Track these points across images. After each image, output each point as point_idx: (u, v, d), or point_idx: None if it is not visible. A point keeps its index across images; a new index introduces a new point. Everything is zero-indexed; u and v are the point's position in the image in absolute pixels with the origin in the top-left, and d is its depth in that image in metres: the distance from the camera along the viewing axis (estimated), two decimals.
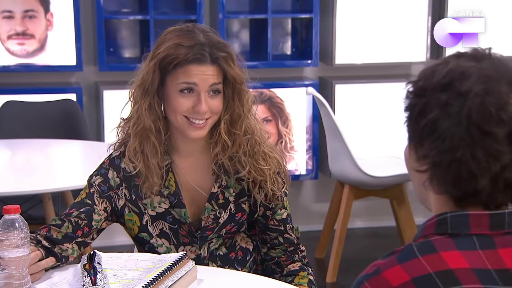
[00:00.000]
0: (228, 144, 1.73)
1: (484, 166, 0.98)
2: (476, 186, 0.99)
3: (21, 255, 1.42)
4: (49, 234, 1.67)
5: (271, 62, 3.85)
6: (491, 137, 0.97)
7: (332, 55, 3.93)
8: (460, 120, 0.98)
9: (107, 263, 1.61)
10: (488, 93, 0.98)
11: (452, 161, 0.99)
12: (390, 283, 0.95)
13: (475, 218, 0.99)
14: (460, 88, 0.99)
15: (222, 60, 1.69)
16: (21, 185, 2.62)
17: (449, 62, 1.03)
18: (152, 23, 3.67)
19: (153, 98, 1.72)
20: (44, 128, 3.43)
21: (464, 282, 0.95)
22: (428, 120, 1.01)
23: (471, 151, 0.98)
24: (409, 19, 3.99)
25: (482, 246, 0.98)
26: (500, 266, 0.97)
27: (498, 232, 0.99)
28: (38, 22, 3.62)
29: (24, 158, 3.12)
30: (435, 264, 0.95)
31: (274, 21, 3.91)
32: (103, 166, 1.79)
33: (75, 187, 2.67)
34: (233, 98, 1.72)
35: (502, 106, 0.97)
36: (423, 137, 1.02)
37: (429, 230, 1.01)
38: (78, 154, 3.25)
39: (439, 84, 1.01)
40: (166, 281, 1.53)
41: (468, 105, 0.98)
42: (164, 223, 1.78)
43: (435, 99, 1.00)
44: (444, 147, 0.99)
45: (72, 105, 3.51)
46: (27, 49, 3.64)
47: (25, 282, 1.43)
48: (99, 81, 3.81)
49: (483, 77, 0.99)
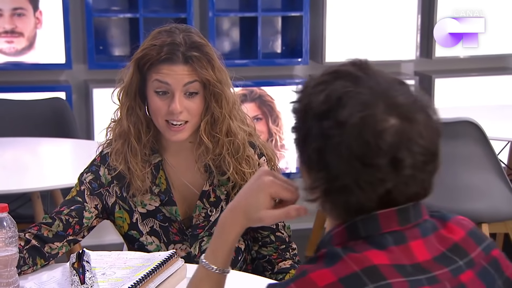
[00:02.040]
0: (209, 146, 1.71)
1: (370, 193, 0.99)
2: (365, 210, 1.01)
3: (9, 253, 1.41)
4: (39, 233, 1.66)
5: (261, 61, 3.85)
6: (373, 168, 0.98)
7: (322, 53, 3.94)
8: (341, 152, 0.99)
9: (96, 262, 1.61)
10: (364, 122, 0.98)
11: (339, 189, 1.00)
12: (316, 284, 0.96)
13: (384, 217, 1.01)
14: (338, 118, 0.99)
15: (195, 60, 1.66)
16: (9, 183, 2.61)
17: (327, 83, 1.02)
18: (141, 21, 3.66)
19: (134, 100, 1.71)
20: (33, 127, 3.41)
21: (389, 277, 0.96)
22: (313, 149, 1.02)
23: (355, 181, 0.99)
24: (399, 17, 4.00)
25: (396, 242, 1.00)
26: (412, 261, 0.99)
27: (407, 226, 1.02)
28: (27, 20, 3.60)
29: (12, 157, 3.11)
30: (360, 262, 0.97)
31: (264, 19, 3.90)
32: (94, 163, 1.79)
33: (64, 185, 2.66)
34: (211, 100, 1.69)
35: (380, 135, 0.97)
36: (311, 165, 1.03)
37: (340, 239, 1.03)
38: (67, 153, 3.24)
39: (318, 112, 1.01)
40: (155, 280, 1.52)
41: (346, 137, 0.98)
42: (155, 221, 1.77)
43: (316, 128, 1.01)
44: (330, 176, 1.00)
45: (61, 104, 3.49)
46: (16, 47, 3.62)
47: (13, 281, 1.43)
48: (88, 79, 3.80)
49: (359, 104, 0.99)
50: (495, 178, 2.86)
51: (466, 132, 2.83)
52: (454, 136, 2.87)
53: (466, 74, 4.21)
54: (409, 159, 0.99)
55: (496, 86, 4.20)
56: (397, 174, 0.99)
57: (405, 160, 0.98)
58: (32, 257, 1.63)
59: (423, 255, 1.01)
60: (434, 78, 4.10)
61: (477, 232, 1.08)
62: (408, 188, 1.01)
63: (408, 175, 0.99)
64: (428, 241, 1.03)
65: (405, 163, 0.98)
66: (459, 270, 1.02)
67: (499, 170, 2.86)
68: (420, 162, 1.00)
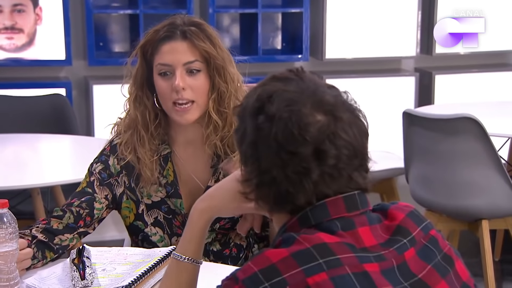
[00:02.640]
0: (219, 123, 1.73)
1: (297, 184, 1.06)
2: (295, 202, 1.08)
3: (10, 249, 1.41)
4: (48, 226, 1.67)
5: (261, 57, 3.85)
6: (297, 157, 1.05)
7: (322, 50, 3.93)
8: (269, 143, 1.07)
9: (96, 258, 1.61)
10: (290, 116, 1.06)
11: (269, 181, 1.08)
12: (270, 259, 1.02)
13: (331, 204, 1.08)
14: (268, 112, 1.08)
15: (193, 35, 1.69)
16: (9, 180, 2.61)
17: (263, 85, 1.12)
18: (142, 18, 3.66)
19: (141, 90, 1.73)
20: (33, 123, 3.41)
21: (338, 253, 1.02)
22: (247, 144, 1.10)
23: (283, 171, 1.06)
24: (399, 14, 3.99)
25: (345, 228, 1.06)
26: (360, 245, 1.05)
27: (355, 213, 1.09)
28: (27, 16, 3.60)
29: (13, 153, 3.11)
30: (311, 240, 1.03)
31: (264, 15, 3.90)
32: (104, 152, 1.79)
33: (64, 182, 2.66)
34: (214, 76, 1.72)
35: (305, 127, 1.05)
36: (246, 159, 1.11)
37: (293, 229, 1.09)
38: (67, 149, 3.24)
39: (253, 108, 1.10)
40: (155, 276, 1.53)
41: (275, 129, 1.06)
42: (159, 212, 1.78)
43: (251, 123, 1.10)
44: (261, 169, 1.08)
45: (61, 100, 3.49)
46: (16, 44, 3.62)
47: (14, 276, 1.43)
48: (88, 76, 3.79)
49: (287, 100, 1.08)
50: (495, 174, 2.86)
51: (466, 128, 2.82)
52: (454, 132, 2.87)
53: (466, 70, 4.20)
54: (332, 150, 1.06)
55: (496, 83, 4.20)
56: (320, 163, 1.06)
57: (329, 151, 1.06)
58: (41, 250, 1.63)
59: (370, 241, 1.07)
60: (434, 74, 4.10)
61: (416, 214, 1.14)
62: (334, 180, 1.07)
63: (331, 165, 1.06)
64: (374, 229, 1.09)
65: (328, 154, 1.06)
66: (404, 247, 1.08)
67: (499, 167, 2.86)
68: (344, 155, 1.07)
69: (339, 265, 1.01)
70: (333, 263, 1.01)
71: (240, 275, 1.03)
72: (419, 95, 4.10)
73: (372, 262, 1.04)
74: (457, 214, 3.02)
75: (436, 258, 1.10)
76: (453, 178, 2.92)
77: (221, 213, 1.28)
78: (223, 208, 1.26)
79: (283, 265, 1.01)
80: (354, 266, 1.02)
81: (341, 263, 1.02)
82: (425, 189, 3.03)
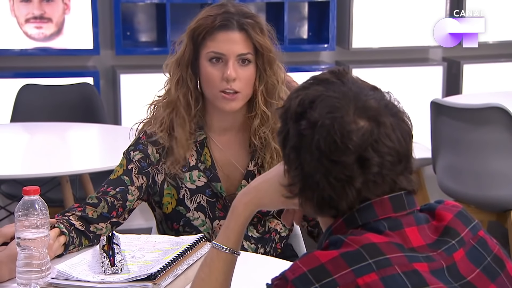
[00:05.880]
0: (268, 114, 1.75)
1: (340, 191, 1.06)
2: (337, 208, 1.08)
3: (41, 235, 1.43)
4: (84, 214, 1.69)
5: (287, 46, 3.83)
6: (340, 165, 1.05)
7: (349, 39, 3.91)
8: (312, 150, 1.07)
9: (125, 245, 1.62)
10: (333, 123, 1.05)
11: (313, 186, 1.08)
12: (320, 259, 1.02)
13: (378, 205, 1.07)
14: (310, 118, 1.07)
15: (249, 27, 1.71)
16: (39, 168, 2.64)
17: (305, 89, 1.11)
18: (168, 7, 3.66)
19: (186, 71, 1.75)
20: (61, 112, 3.45)
21: (387, 253, 1.02)
22: (290, 148, 1.10)
23: (326, 178, 1.06)
24: (427, 3, 3.95)
25: (392, 228, 1.06)
26: (407, 245, 1.05)
27: (402, 213, 1.08)
28: (56, 6, 3.63)
29: (42, 141, 3.14)
30: (360, 241, 1.03)
31: (290, 5, 3.89)
32: (140, 141, 1.79)
33: (92, 170, 2.69)
34: (264, 68, 1.74)
35: (347, 135, 1.05)
36: (290, 164, 1.11)
37: (339, 231, 1.09)
38: (95, 138, 3.27)
39: (295, 113, 1.10)
40: (183, 263, 1.54)
41: (317, 136, 1.06)
42: (203, 197, 1.79)
43: (293, 128, 1.10)
44: (304, 173, 1.08)
45: (89, 89, 3.52)
46: (45, 33, 3.65)
47: (45, 262, 1.45)
48: (116, 65, 3.82)
49: (329, 106, 1.07)
50: None
51: (495, 118, 2.80)
52: (483, 122, 2.84)
53: (495, 59, 4.15)
54: (376, 158, 1.05)
55: None
56: (364, 172, 1.05)
57: (372, 159, 1.05)
58: (79, 237, 1.66)
59: (417, 241, 1.06)
60: (463, 64, 4.06)
61: (465, 214, 1.13)
62: (378, 186, 1.06)
63: (375, 172, 1.05)
64: (422, 229, 1.08)
65: (371, 162, 1.05)
66: (453, 248, 1.07)
67: None
68: (388, 161, 1.06)
69: (389, 265, 1.01)
70: (383, 263, 1.01)
71: (289, 275, 1.03)
72: (447, 84, 4.06)
73: (421, 262, 1.03)
74: (485, 205, 3.00)
75: (486, 261, 1.09)
76: (482, 168, 2.89)
77: (266, 206, 1.27)
78: (268, 202, 1.25)
79: (332, 265, 1.01)
80: (404, 265, 1.01)
81: (391, 262, 1.01)
82: (453, 180, 3.01)
